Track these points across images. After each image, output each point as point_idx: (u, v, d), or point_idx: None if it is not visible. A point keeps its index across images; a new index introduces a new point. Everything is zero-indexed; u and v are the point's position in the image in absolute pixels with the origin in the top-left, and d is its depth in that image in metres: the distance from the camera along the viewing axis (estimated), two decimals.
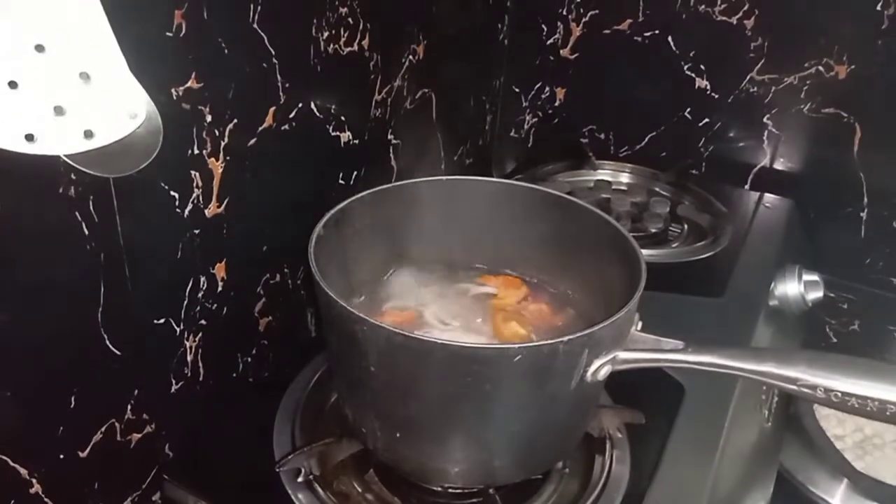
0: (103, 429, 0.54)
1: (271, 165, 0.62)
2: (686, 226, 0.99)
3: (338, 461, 0.59)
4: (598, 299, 0.62)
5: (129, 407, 0.56)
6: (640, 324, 0.53)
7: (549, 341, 0.47)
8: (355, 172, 0.74)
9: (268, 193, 0.63)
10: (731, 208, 1.00)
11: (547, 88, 1.12)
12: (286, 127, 0.62)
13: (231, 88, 0.56)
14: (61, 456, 0.51)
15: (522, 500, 0.59)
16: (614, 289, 0.57)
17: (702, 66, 1.01)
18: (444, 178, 0.66)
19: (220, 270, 0.61)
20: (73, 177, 0.45)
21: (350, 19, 0.66)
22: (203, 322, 0.60)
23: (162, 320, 0.57)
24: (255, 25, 0.56)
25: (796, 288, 0.84)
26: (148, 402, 0.57)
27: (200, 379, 0.62)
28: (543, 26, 1.08)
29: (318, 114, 0.66)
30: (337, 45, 0.66)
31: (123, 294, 0.52)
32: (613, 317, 0.49)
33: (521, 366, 0.47)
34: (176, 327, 0.58)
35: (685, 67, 1.02)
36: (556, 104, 1.13)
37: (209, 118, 0.54)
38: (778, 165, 1.03)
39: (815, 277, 0.86)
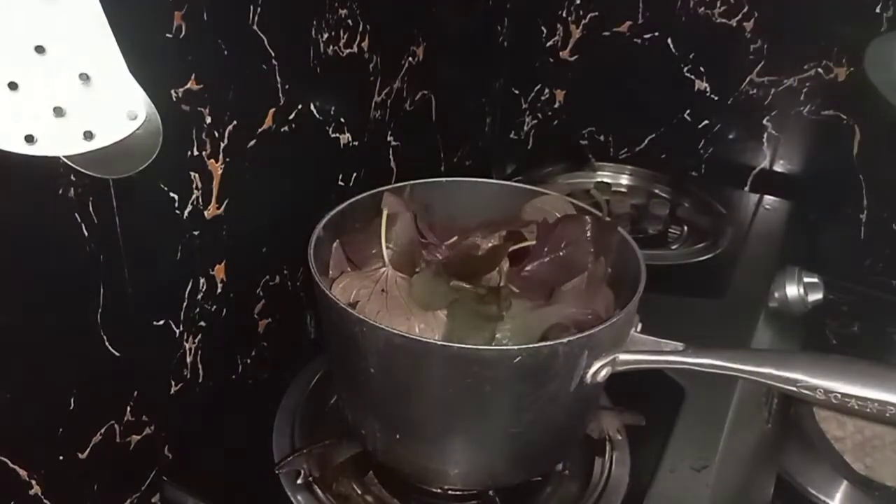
0: (103, 430, 0.54)
1: (271, 167, 0.62)
2: (686, 227, 0.99)
3: (337, 463, 0.59)
4: None
5: (128, 408, 0.56)
6: (639, 325, 0.53)
7: (549, 343, 0.47)
8: (355, 174, 0.74)
9: (267, 195, 0.63)
10: (730, 210, 1.00)
11: (546, 90, 1.12)
12: (286, 128, 0.62)
13: (231, 90, 0.56)
14: (61, 457, 0.51)
15: (522, 501, 0.59)
16: (614, 290, 0.57)
17: (701, 68, 1.01)
18: (443, 179, 0.66)
19: (219, 272, 0.61)
20: (72, 178, 0.45)
21: (350, 21, 0.66)
22: (202, 323, 0.60)
23: (161, 322, 0.57)
24: (254, 27, 0.56)
25: (796, 290, 0.84)
26: (147, 403, 0.57)
27: (200, 380, 0.62)
28: (543, 28, 1.08)
29: (317, 115, 0.66)
30: (336, 47, 0.66)
31: (123, 295, 0.52)
32: (613, 318, 0.49)
33: (521, 367, 0.47)
34: (175, 329, 0.58)
35: (685, 69, 1.02)
36: (556, 106, 1.13)
37: (209, 119, 0.54)
38: (778, 167, 1.03)
39: (814, 279, 0.86)
